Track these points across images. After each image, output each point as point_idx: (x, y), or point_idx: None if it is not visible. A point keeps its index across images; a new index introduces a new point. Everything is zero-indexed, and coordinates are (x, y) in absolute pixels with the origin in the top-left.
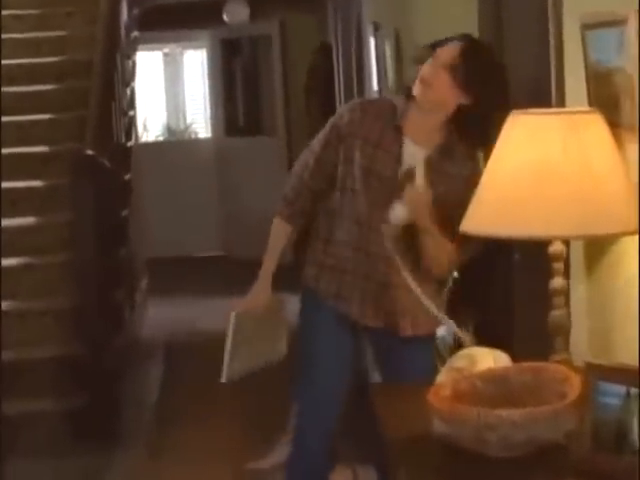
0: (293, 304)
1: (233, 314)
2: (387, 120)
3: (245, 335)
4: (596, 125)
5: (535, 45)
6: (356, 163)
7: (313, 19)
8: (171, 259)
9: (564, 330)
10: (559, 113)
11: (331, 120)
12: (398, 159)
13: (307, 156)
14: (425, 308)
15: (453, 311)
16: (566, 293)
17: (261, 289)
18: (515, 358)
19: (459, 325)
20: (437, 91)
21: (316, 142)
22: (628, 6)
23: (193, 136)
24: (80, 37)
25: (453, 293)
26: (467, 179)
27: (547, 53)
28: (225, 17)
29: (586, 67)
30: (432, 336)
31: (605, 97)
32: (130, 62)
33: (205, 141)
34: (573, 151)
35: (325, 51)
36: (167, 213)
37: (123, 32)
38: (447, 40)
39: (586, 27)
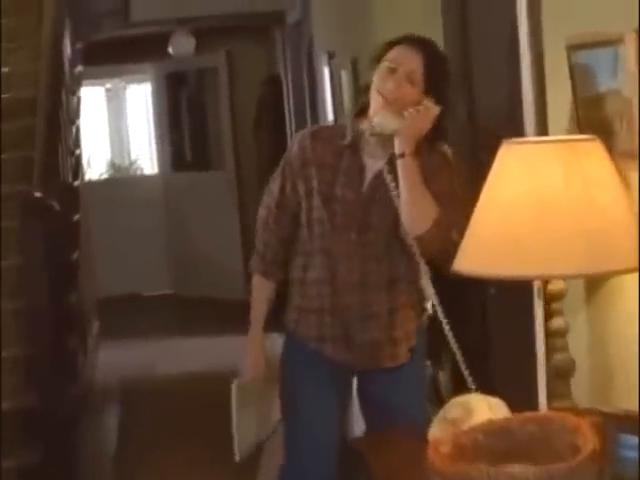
0: None
1: (233, 387)
2: (340, 142)
3: (249, 406)
4: (597, 153)
5: (504, 70)
6: (315, 193)
7: (260, 50)
8: (120, 299)
9: (567, 375)
10: (558, 141)
11: (283, 157)
12: (360, 180)
13: (268, 201)
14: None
15: (428, 351)
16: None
17: (254, 358)
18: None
19: (435, 366)
20: (402, 106)
21: (273, 184)
22: (618, 25)
23: (138, 172)
24: (24, 74)
25: (427, 331)
26: (437, 170)
27: (518, 77)
28: (171, 50)
29: (574, 90)
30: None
31: (597, 122)
32: (75, 98)
33: (151, 177)
34: (575, 182)
35: (274, 83)
36: (114, 252)
37: (67, 67)
38: (390, 46)
39: (573, 48)
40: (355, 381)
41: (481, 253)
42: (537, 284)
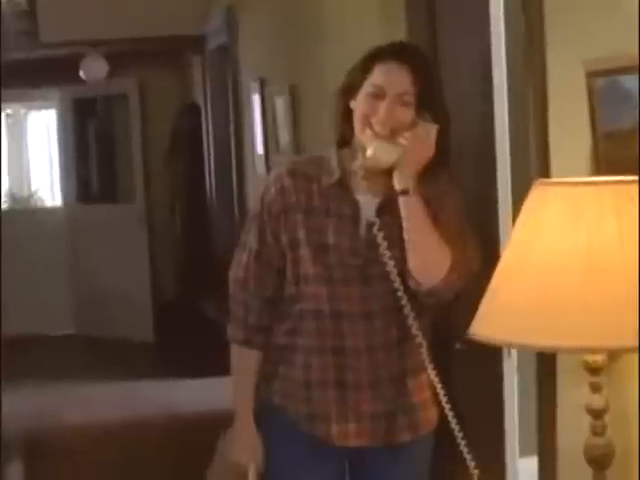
0: None
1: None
2: (325, 179)
3: None
4: None
5: (478, 101)
6: (303, 242)
7: (177, 77)
8: (22, 339)
9: (603, 464)
10: (604, 183)
11: (257, 202)
12: (354, 221)
13: (244, 258)
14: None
15: None
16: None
17: (249, 444)
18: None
19: None
20: (396, 132)
21: (247, 236)
22: None
23: (39, 204)
24: None
25: None
26: (443, 202)
27: (491, 109)
28: (82, 74)
29: (593, 124)
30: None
31: (620, 160)
32: None
33: (54, 209)
34: (629, 234)
35: (191, 111)
36: (13, 289)
37: None
38: (370, 62)
39: (594, 74)
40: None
41: (510, 318)
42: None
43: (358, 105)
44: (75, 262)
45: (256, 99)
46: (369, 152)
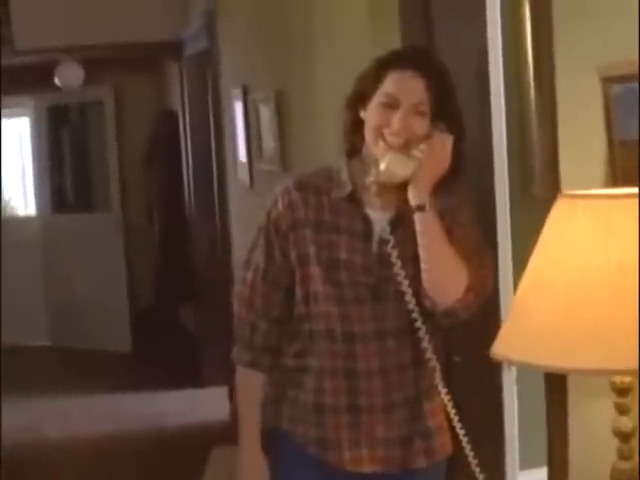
0: None
1: None
2: (335, 192)
3: None
4: None
5: (475, 108)
6: (313, 259)
7: (153, 83)
8: None
9: None
10: (634, 196)
11: (263, 217)
12: (367, 237)
13: (250, 276)
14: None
15: None
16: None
17: (257, 474)
18: None
19: None
20: (410, 143)
21: (254, 253)
22: None
23: (12, 213)
24: None
25: None
26: (458, 216)
27: (488, 112)
28: (57, 81)
29: (609, 132)
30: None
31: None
32: None
33: (28, 219)
34: None
35: (169, 118)
36: None
37: None
38: (382, 68)
39: (610, 80)
40: None
41: (538, 339)
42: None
43: (370, 115)
44: (50, 272)
45: (238, 106)
46: (382, 166)
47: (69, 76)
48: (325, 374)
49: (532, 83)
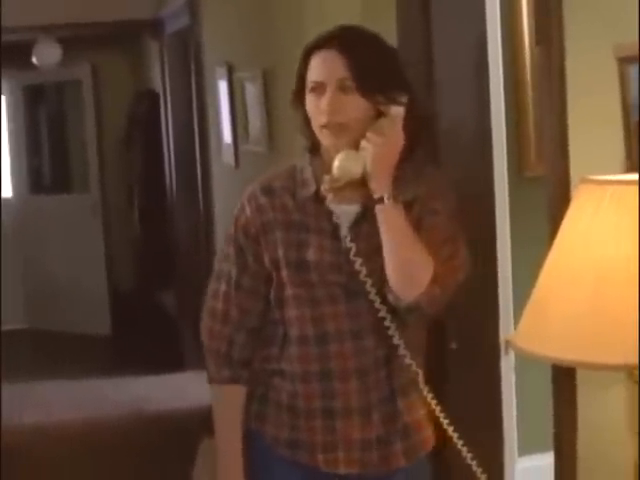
0: None
1: None
2: (300, 192)
3: None
4: None
5: (473, 93)
6: (282, 262)
7: (132, 62)
8: None
9: None
10: None
11: (231, 225)
12: (334, 234)
13: (221, 288)
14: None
15: None
16: None
17: None
18: None
19: None
20: (354, 125)
21: (224, 264)
22: None
23: None
24: None
25: None
26: (427, 201)
27: (487, 103)
28: (34, 60)
29: (626, 114)
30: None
31: None
32: None
33: (5, 201)
34: None
35: (148, 98)
36: None
37: None
38: (308, 56)
39: (627, 61)
40: None
41: (564, 333)
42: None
43: (307, 107)
44: (27, 254)
45: (223, 85)
46: (336, 165)
47: (47, 55)
48: (298, 378)
49: (528, 68)
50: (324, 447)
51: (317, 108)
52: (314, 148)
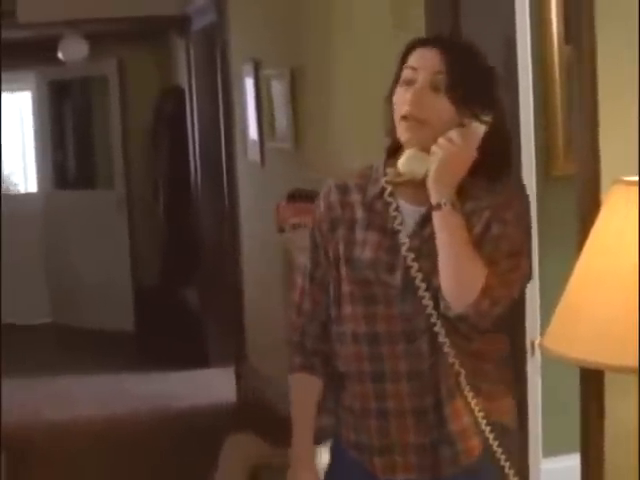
0: None
1: None
2: (370, 189)
3: None
4: None
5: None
6: (342, 259)
7: (159, 58)
8: None
9: None
10: None
11: (311, 220)
12: (394, 234)
13: (299, 280)
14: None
15: None
16: None
17: None
18: None
19: None
20: (432, 126)
21: (303, 257)
22: None
23: (12, 189)
24: None
25: None
26: (499, 211)
27: (516, 102)
28: (60, 55)
29: None
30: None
31: None
32: None
33: (29, 195)
34: None
35: (174, 95)
36: None
37: None
38: (407, 52)
39: None
40: None
41: (597, 336)
42: None
43: (394, 100)
44: (52, 250)
45: (249, 82)
46: (401, 160)
47: (73, 50)
48: (355, 378)
49: (557, 67)
50: (380, 450)
51: (403, 98)
52: (393, 149)
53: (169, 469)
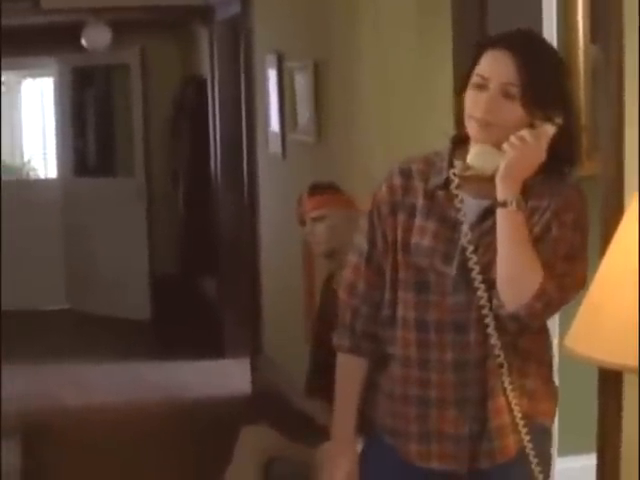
0: None
1: None
2: (433, 178)
3: None
4: None
5: None
6: (399, 245)
7: (182, 48)
8: (12, 314)
9: None
10: None
11: (370, 201)
12: (455, 225)
13: (355, 260)
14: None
15: None
16: None
17: (348, 470)
18: None
19: None
20: (503, 127)
21: (359, 237)
22: None
23: (32, 174)
24: None
25: None
26: (559, 213)
27: None
28: (84, 42)
29: None
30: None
31: None
32: None
33: (49, 181)
34: None
35: (196, 85)
36: (5, 263)
37: None
38: (481, 50)
39: None
40: None
41: (620, 337)
42: None
43: (465, 100)
44: (70, 236)
45: (272, 74)
46: (470, 156)
47: (96, 38)
48: (400, 362)
49: (582, 66)
50: (419, 437)
51: (474, 103)
52: (459, 140)
53: (183, 458)
